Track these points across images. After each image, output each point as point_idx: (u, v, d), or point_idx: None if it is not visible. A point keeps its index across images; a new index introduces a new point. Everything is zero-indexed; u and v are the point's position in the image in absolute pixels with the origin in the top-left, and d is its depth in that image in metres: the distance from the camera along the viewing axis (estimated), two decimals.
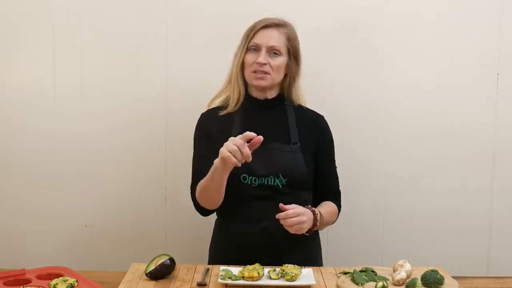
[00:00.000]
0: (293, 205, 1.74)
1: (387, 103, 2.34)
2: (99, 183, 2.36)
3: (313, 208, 1.82)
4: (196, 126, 1.97)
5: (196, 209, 1.91)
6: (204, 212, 1.91)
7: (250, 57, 1.87)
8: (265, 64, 1.84)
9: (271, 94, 1.93)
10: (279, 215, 1.72)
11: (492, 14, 2.31)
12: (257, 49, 1.86)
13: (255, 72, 1.86)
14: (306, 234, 1.80)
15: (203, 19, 2.30)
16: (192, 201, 1.90)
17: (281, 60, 1.87)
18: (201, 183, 1.82)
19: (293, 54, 1.91)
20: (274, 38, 1.86)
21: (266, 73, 1.85)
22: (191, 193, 1.91)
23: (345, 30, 2.31)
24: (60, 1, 2.29)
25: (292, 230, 1.74)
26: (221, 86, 1.96)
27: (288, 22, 1.91)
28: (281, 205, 1.73)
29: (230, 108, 1.90)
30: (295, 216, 1.72)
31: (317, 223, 1.80)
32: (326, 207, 1.90)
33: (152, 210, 2.38)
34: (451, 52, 2.32)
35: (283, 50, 1.88)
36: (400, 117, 2.34)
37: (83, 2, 2.29)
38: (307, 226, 1.75)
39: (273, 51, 1.86)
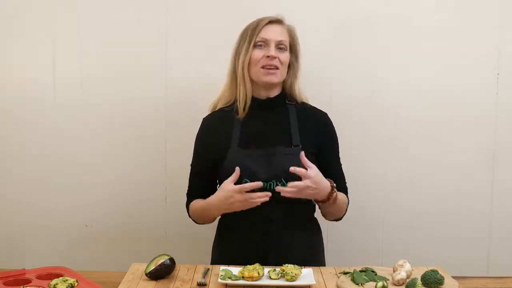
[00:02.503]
0: (312, 169, 1.73)
1: (387, 103, 2.34)
2: (99, 183, 2.36)
3: (332, 183, 1.80)
4: (198, 132, 1.96)
5: (191, 218, 1.98)
6: (199, 223, 1.99)
7: (258, 53, 1.86)
8: (275, 57, 1.85)
9: (274, 93, 1.92)
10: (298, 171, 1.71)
11: (492, 14, 2.31)
12: (264, 44, 1.86)
13: (263, 68, 1.85)
14: (314, 202, 1.85)
15: (203, 20, 2.30)
16: (187, 211, 1.97)
17: (287, 55, 1.90)
18: (197, 206, 1.89)
19: (294, 51, 1.93)
20: (281, 33, 1.88)
21: (276, 68, 1.86)
22: (186, 203, 1.96)
23: (345, 29, 2.31)
24: (61, 1, 2.29)
25: (298, 194, 1.73)
26: (223, 88, 1.95)
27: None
28: (301, 154, 1.73)
29: (240, 114, 1.88)
30: (304, 184, 1.71)
31: (331, 198, 1.79)
32: (339, 193, 1.88)
33: (152, 210, 2.38)
34: (451, 52, 2.32)
35: (288, 46, 1.90)
36: (400, 116, 2.34)
37: (83, 2, 2.29)
38: (315, 193, 1.74)
39: (280, 46, 1.87)
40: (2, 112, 2.34)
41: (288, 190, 1.71)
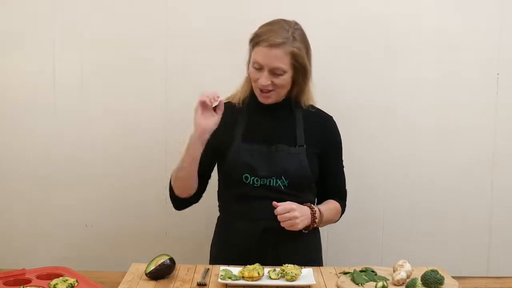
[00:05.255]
0: (287, 202, 1.75)
1: (387, 103, 2.34)
2: (99, 183, 2.36)
3: (311, 205, 1.83)
4: None
5: (171, 199, 1.92)
6: (177, 202, 1.91)
7: (253, 73, 1.81)
8: (267, 85, 1.79)
9: (278, 99, 1.88)
10: (275, 203, 1.73)
11: (492, 14, 2.31)
12: (259, 68, 1.79)
13: (259, 88, 1.82)
14: (304, 231, 1.81)
15: (203, 20, 2.29)
16: (169, 190, 1.91)
17: (285, 77, 1.79)
18: (177, 166, 1.83)
19: (300, 69, 1.81)
20: (277, 59, 1.75)
21: (270, 91, 1.81)
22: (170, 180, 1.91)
23: (347, 32, 2.30)
24: (61, 1, 2.29)
25: (285, 226, 1.74)
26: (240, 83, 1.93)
27: (295, 30, 1.80)
28: (274, 203, 1.74)
29: (237, 106, 1.89)
30: (285, 212, 1.72)
31: (315, 221, 1.81)
32: (328, 205, 1.91)
33: (152, 210, 2.38)
34: (451, 52, 2.32)
35: (288, 67, 1.78)
36: (400, 117, 2.34)
37: (83, 4, 2.29)
38: (300, 221, 1.74)
39: (275, 71, 1.77)
40: (2, 113, 2.34)
41: (279, 209, 1.73)
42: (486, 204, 2.38)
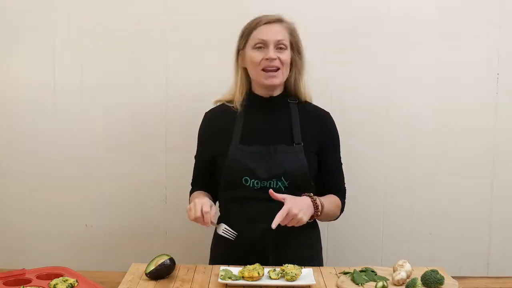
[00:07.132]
0: (283, 196, 1.73)
1: (387, 103, 2.34)
2: (99, 183, 2.36)
3: (309, 194, 1.80)
4: (200, 126, 1.97)
5: None
6: None
7: (257, 55, 1.83)
8: (275, 59, 1.82)
9: (277, 92, 1.91)
10: (273, 225, 1.68)
11: (492, 14, 2.31)
12: (263, 46, 1.82)
13: (264, 70, 1.83)
14: (310, 220, 1.78)
15: (204, 20, 2.30)
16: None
17: (288, 54, 1.85)
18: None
19: (296, 48, 1.89)
20: (279, 32, 1.84)
21: (277, 69, 1.83)
22: (190, 191, 1.98)
23: (343, 30, 2.30)
24: (61, 2, 2.29)
25: (292, 225, 1.72)
26: (229, 87, 1.95)
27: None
28: (270, 191, 1.73)
29: (238, 108, 1.89)
30: (284, 215, 1.68)
31: (318, 207, 1.78)
32: (328, 198, 1.89)
33: (152, 210, 2.38)
34: (451, 52, 2.32)
35: (288, 44, 1.85)
36: (400, 117, 2.34)
37: (83, 3, 2.29)
38: (302, 214, 1.70)
39: (280, 46, 1.83)
40: (2, 113, 2.34)
41: (276, 220, 1.69)
42: (486, 204, 2.38)
